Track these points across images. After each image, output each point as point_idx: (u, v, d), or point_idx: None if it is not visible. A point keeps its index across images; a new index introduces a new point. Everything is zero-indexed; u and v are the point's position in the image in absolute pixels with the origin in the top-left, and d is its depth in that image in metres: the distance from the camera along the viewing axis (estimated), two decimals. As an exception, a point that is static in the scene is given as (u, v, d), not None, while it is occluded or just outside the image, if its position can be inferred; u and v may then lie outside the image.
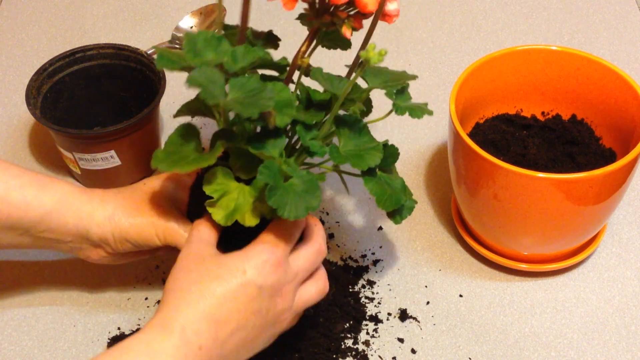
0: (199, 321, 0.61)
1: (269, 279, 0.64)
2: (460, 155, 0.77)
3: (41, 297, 0.82)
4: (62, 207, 0.71)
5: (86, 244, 0.73)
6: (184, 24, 1.10)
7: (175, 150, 0.66)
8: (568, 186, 0.72)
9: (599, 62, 0.82)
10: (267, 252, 0.64)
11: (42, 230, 0.71)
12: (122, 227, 0.71)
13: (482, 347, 0.77)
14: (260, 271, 0.63)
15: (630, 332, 0.78)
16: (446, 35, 1.11)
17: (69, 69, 0.91)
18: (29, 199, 0.69)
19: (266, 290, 0.64)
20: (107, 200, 0.72)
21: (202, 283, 0.62)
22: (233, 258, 0.64)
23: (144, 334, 0.60)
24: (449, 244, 0.86)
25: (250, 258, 0.63)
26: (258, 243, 0.65)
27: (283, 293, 0.65)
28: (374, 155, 0.69)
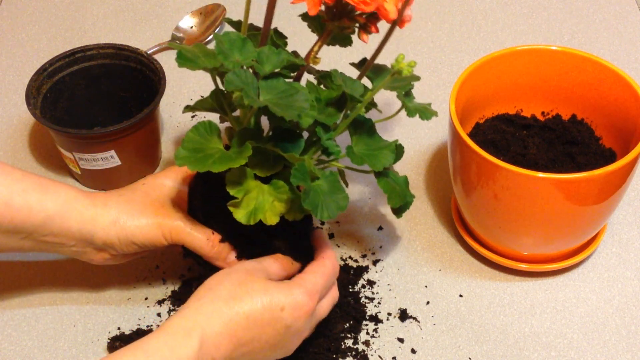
0: (223, 336, 0.63)
1: (298, 322, 0.67)
2: (460, 155, 0.77)
3: (41, 297, 0.82)
4: (65, 211, 0.71)
5: (90, 248, 0.73)
6: (184, 24, 1.10)
7: (197, 148, 0.66)
8: (568, 186, 0.72)
9: (599, 62, 0.82)
10: (308, 296, 0.67)
11: (44, 235, 0.71)
12: (128, 230, 0.71)
13: (482, 347, 0.77)
14: (294, 313, 0.66)
15: (630, 332, 0.78)
16: (446, 35, 1.11)
17: (69, 69, 0.91)
18: (32, 203, 0.69)
19: (291, 331, 0.67)
20: (110, 204, 0.72)
21: (241, 301, 0.64)
22: (277, 289, 0.66)
23: (169, 336, 0.62)
24: (449, 244, 0.86)
25: (292, 296, 0.66)
26: (301, 284, 0.67)
27: (302, 335, 0.69)
28: (387, 155, 0.71)
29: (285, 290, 0.66)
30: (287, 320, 0.66)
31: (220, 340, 0.63)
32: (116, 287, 0.82)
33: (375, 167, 0.70)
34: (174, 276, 0.83)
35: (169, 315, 0.80)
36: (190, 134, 0.66)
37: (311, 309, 0.67)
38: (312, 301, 0.67)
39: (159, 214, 0.72)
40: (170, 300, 0.81)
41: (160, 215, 0.72)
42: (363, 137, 0.72)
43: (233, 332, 0.63)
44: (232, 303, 0.64)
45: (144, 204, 0.73)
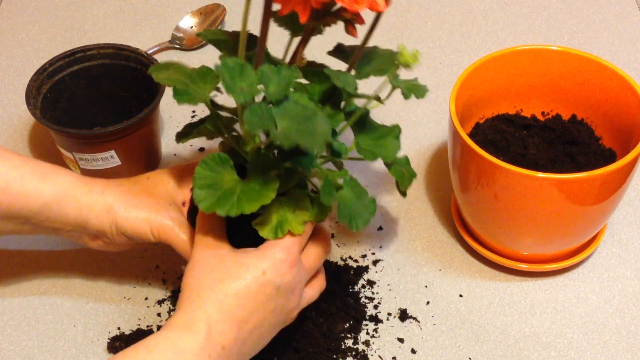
0: (224, 321, 0.62)
1: (285, 278, 0.65)
2: (460, 155, 0.77)
3: (41, 298, 0.82)
4: (62, 198, 0.71)
5: (85, 234, 0.73)
6: (184, 24, 1.10)
7: (212, 184, 0.64)
8: (568, 186, 0.72)
9: (599, 62, 0.82)
10: (285, 251, 0.65)
11: (42, 220, 0.71)
12: (118, 220, 0.71)
13: (482, 347, 0.77)
14: (277, 271, 0.64)
15: (630, 332, 0.78)
16: (446, 35, 1.11)
17: (69, 69, 0.91)
18: (29, 191, 0.70)
19: (282, 290, 0.65)
20: (107, 192, 0.72)
21: (224, 283, 0.63)
22: (252, 257, 0.65)
23: (170, 332, 0.61)
24: (449, 244, 0.86)
25: (268, 257, 0.64)
26: (274, 242, 0.66)
27: (296, 291, 0.67)
28: (393, 143, 0.70)
29: (260, 255, 0.65)
30: (274, 280, 0.64)
31: (222, 326, 0.62)
32: (116, 287, 0.82)
33: (387, 157, 0.69)
34: (174, 276, 0.83)
35: (169, 315, 0.80)
36: (200, 170, 0.64)
37: (293, 261, 0.65)
38: (291, 253, 0.65)
39: (152, 210, 0.72)
40: (170, 300, 0.81)
41: (153, 212, 0.72)
42: (364, 129, 0.71)
43: (231, 314, 0.63)
44: (216, 288, 0.63)
45: (140, 197, 0.73)
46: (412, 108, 1.00)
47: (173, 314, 0.63)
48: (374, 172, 0.94)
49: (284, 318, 0.67)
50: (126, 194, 0.73)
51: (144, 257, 0.85)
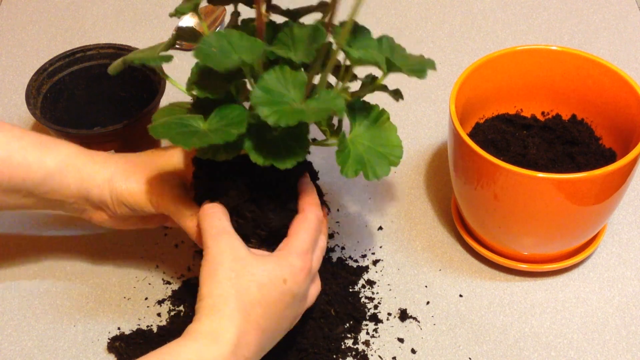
0: (250, 333, 0.62)
1: (302, 286, 0.66)
2: (460, 155, 0.77)
3: (41, 297, 0.82)
4: (64, 168, 0.71)
5: (88, 205, 0.73)
6: (184, 24, 1.10)
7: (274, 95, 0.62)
8: (568, 186, 0.72)
9: (599, 62, 0.82)
10: (301, 258, 0.65)
11: (45, 192, 0.71)
12: (119, 189, 0.71)
13: (482, 347, 0.77)
14: (296, 279, 0.65)
15: (630, 332, 0.78)
16: (446, 35, 1.11)
17: (69, 69, 0.91)
18: (31, 161, 0.70)
19: (298, 297, 0.66)
20: (109, 162, 0.72)
21: (250, 292, 0.62)
22: (273, 264, 0.64)
23: (195, 342, 0.60)
24: (449, 244, 0.86)
25: (287, 265, 0.65)
26: (291, 250, 0.66)
27: (307, 297, 0.68)
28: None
29: (281, 262, 0.65)
30: (293, 288, 0.64)
31: (249, 338, 0.61)
32: (116, 287, 0.82)
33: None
34: (174, 276, 0.83)
35: (169, 315, 0.80)
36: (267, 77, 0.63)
37: (308, 268, 0.66)
38: (307, 261, 0.66)
39: (153, 181, 0.71)
40: (170, 300, 0.81)
41: (154, 182, 0.71)
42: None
43: (257, 325, 0.62)
44: (243, 297, 0.62)
45: (142, 167, 0.72)
46: (412, 108, 1.00)
47: (197, 319, 0.62)
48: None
49: (292, 322, 0.68)
50: (128, 164, 0.72)
51: (144, 257, 0.85)
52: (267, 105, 0.61)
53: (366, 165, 0.66)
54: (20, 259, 0.85)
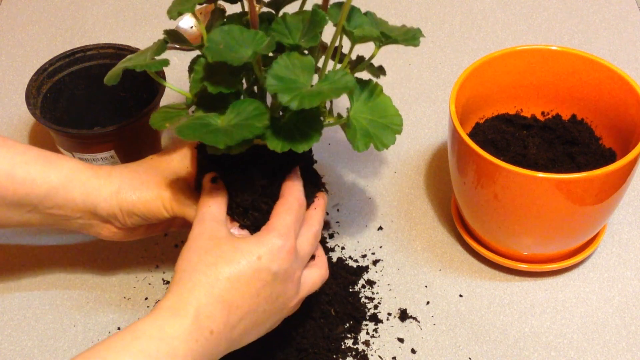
0: (213, 305, 0.61)
1: (283, 265, 0.64)
2: (460, 155, 0.77)
3: (41, 297, 0.82)
4: (68, 183, 0.71)
5: (95, 220, 0.73)
6: (184, 24, 1.10)
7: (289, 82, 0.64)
8: (568, 186, 0.72)
9: (599, 62, 0.82)
10: (282, 238, 0.64)
11: (49, 207, 0.71)
12: (129, 200, 0.71)
13: (482, 347, 0.77)
14: (274, 257, 0.64)
15: (630, 332, 0.78)
16: (446, 35, 1.11)
17: (69, 69, 0.91)
18: (34, 175, 0.70)
19: (279, 277, 0.64)
20: (113, 175, 0.72)
21: (217, 266, 0.62)
22: (248, 243, 0.64)
23: (157, 317, 0.60)
24: (449, 244, 0.86)
25: (265, 244, 0.64)
26: (271, 229, 0.65)
27: (294, 279, 0.66)
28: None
29: (256, 241, 0.64)
30: (270, 266, 0.63)
31: (211, 310, 0.61)
32: (116, 287, 0.83)
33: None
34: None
35: (169, 315, 0.80)
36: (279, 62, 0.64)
37: (291, 247, 0.65)
38: (289, 240, 0.65)
39: (161, 186, 0.71)
40: (170, 300, 0.81)
41: (163, 187, 0.71)
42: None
43: (221, 298, 0.62)
44: (208, 271, 0.62)
45: (148, 175, 0.72)
46: (412, 108, 1.00)
47: (164, 297, 0.63)
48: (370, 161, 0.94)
49: (280, 306, 0.66)
50: (133, 174, 0.72)
51: (144, 257, 0.85)
52: (285, 91, 0.62)
53: (373, 137, 0.67)
54: (21, 259, 0.85)
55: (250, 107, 0.65)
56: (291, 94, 0.62)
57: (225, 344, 0.63)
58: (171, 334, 0.59)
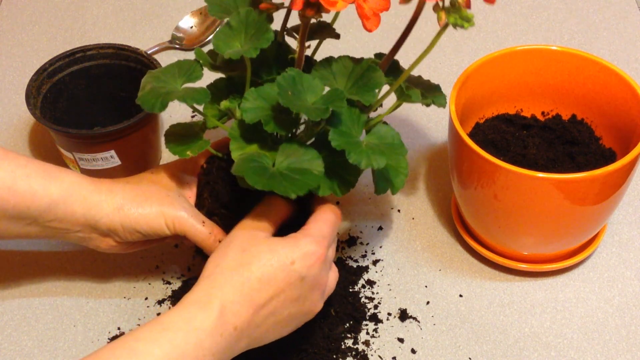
0: (240, 303, 0.63)
1: (312, 271, 0.66)
2: (460, 155, 0.77)
3: (41, 298, 0.82)
4: (69, 196, 0.71)
5: (95, 234, 0.73)
6: (184, 24, 1.10)
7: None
8: (568, 186, 0.72)
9: (599, 62, 0.82)
10: (315, 244, 0.66)
11: (49, 220, 0.71)
12: (131, 217, 0.71)
13: (482, 347, 0.77)
14: (306, 263, 0.65)
15: (630, 332, 0.78)
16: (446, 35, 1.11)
17: (69, 69, 0.91)
18: (36, 188, 0.70)
19: (307, 282, 0.66)
20: (115, 191, 0.72)
21: (250, 266, 0.64)
22: (285, 246, 0.65)
23: (184, 310, 0.62)
24: (449, 244, 0.86)
25: (300, 248, 0.65)
26: (307, 234, 0.67)
27: (320, 285, 0.68)
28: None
29: (292, 244, 0.66)
30: (301, 271, 0.65)
31: (238, 308, 0.63)
32: (116, 287, 0.83)
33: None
34: (174, 276, 0.83)
35: (169, 315, 0.79)
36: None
37: (323, 255, 0.66)
38: (322, 247, 0.66)
39: (163, 203, 0.72)
40: (170, 300, 0.81)
41: (165, 205, 0.72)
42: None
43: (249, 297, 0.63)
44: (241, 270, 0.64)
45: (150, 192, 0.73)
46: (412, 108, 1.00)
47: (191, 289, 0.64)
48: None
49: (305, 310, 0.68)
50: (134, 191, 0.73)
51: (144, 257, 0.85)
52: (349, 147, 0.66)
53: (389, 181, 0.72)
54: (21, 259, 0.85)
55: (301, 151, 0.67)
56: (357, 152, 0.66)
57: (247, 340, 0.64)
58: (198, 326, 0.61)
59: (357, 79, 0.70)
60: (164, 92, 0.68)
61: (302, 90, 0.66)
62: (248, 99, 0.67)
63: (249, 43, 0.68)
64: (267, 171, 0.66)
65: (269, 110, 0.67)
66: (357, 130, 0.68)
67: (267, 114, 0.67)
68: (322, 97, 0.67)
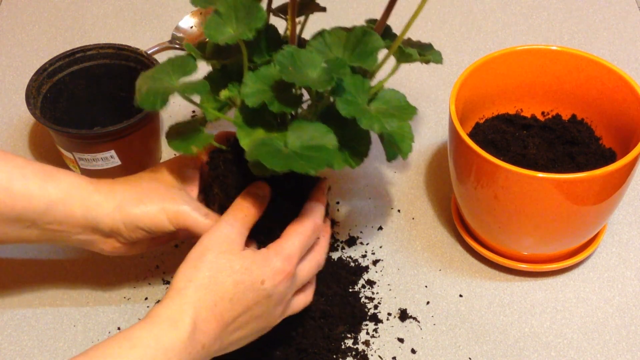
0: (210, 322, 0.63)
1: (278, 288, 0.66)
2: (460, 155, 0.78)
3: (41, 297, 0.82)
4: (68, 197, 0.70)
5: (97, 235, 0.72)
6: (184, 24, 1.10)
7: None
8: (568, 186, 0.72)
9: (599, 62, 0.82)
10: (285, 261, 0.66)
11: (48, 222, 0.70)
12: (133, 215, 0.70)
13: (482, 347, 0.77)
14: (274, 281, 0.65)
15: (630, 332, 0.78)
16: (446, 35, 1.11)
17: (69, 69, 0.91)
18: (33, 190, 0.69)
19: (273, 299, 0.66)
20: (115, 190, 0.71)
21: (223, 285, 0.64)
22: (258, 264, 0.65)
23: (154, 326, 0.61)
24: (449, 244, 0.86)
25: (269, 266, 0.65)
26: (278, 251, 0.66)
27: (284, 301, 0.68)
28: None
29: (263, 262, 0.65)
30: (269, 289, 0.65)
31: (207, 325, 0.62)
32: (116, 287, 0.83)
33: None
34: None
35: (169, 315, 0.79)
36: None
37: (290, 273, 0.66)
38: (290, 265, 0.66)
39: (164, 199, 0.71)
40: (170, 300, 0.81)
41: (166, 200, 0.71)
42: None
43: (219, 317, 0.63)
44: (215, 288, 0.63)
45: (150, 189, 0.72)
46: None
47: (163, 299, 0.63)
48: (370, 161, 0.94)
49: (264, 325, 0.67)
50: (135, 189, 0.72)
51: (144, 257, 0.85)
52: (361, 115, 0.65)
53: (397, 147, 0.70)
54: (21, 259, 0.85)
55: (311, 128, 0.66)
56: (367, 117, 0.65)
57: (210, 355, 0.64)
58: (167, 345, 0.60)
59: (354, 46, 0.69)
60: (162, 89, 0.67)
61: (301, 66, 0.65)
62: (247, 83, 0.66)
63: (241, 26, 0.67)
64: (282, 152, 0.64)
65: (270, 91, 0.66)
66: (362, 98, 0.67)
67: (269, 94, 0.66)
68: (324, 69, 0.66)
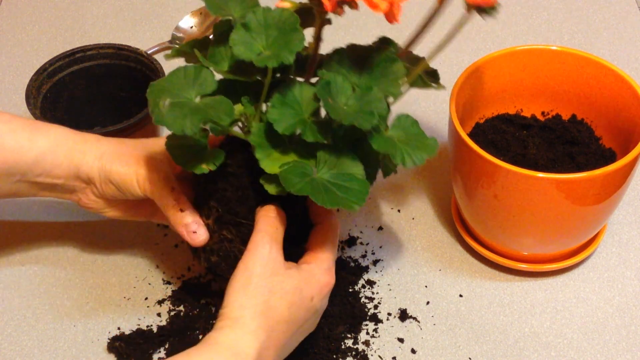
0: (270, 349, 0.63)
1: (323, 301, 0.68)
2: (460, 155, 0.77)
3: (41, 297, 0.82)
4: (56, 147, 0.71)
5: (77, 182, 0.73)
6: (184, 24, 1.10)
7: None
8: (568, 186, 0.72)
9: (599, 62, 0.82)
10: (328, 275, 0.68)
11: (38, 174, 0.71)
12: (107, 167, 0.71)
13: (482, 347, 0.77)
14: (321, 296, 0.67)
15: (630, 332, 0.78)
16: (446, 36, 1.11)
17: (69, 69, 0.91)
18: (22, 142, 0.70)
19: (319, 312, 0.68)
20: (100, 142, 0.73)
21: (279, 310, 0.64)
22: (305, 281, 0.66)
23: (216, 354, 0.61)
24: (449, 244, 0.86)
25: (317, 282, 0.66)
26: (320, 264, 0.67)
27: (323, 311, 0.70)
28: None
29: (310, 279, 0.66)
30: (317, 305, 0.67)
31: (267, 352, 0.63)
32: (116, 287, 0.82)
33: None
34: (174, 276, 0.83)
35: (169, 315, 0.79)
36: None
37: (332, 284, 0.68)
38: (332, 277, 0.68)
39: (141, 163, 0.71)
40: (170, 300, 0.81)
41: (142, 165, 0.71)
42: None
43: (277, 341, 0.64)
44: (271, 314, 0.63)
45: (132, 150, 0.73)
46: (412, 108, 1.00)
47: (219, 327, 0.62)
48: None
49: (308, 332, 0.70)
50: (120, 147, 0.73)
51: (144, 257, 0.85)
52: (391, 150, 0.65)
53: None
54: (21, 258, 0.85)
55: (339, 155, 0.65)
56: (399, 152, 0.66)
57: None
58: None
59: (371, 70, 0.68)
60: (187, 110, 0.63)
61: (335, 94, 0.64)
62: (275, 106, 0.64)
63: (274, 46, 0.63)
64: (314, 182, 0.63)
65: (296, 116, 0.64)
66: (384, 126, 0.66)
67: (297, 120, 0.64)
68: (355, 98, 0.64)
